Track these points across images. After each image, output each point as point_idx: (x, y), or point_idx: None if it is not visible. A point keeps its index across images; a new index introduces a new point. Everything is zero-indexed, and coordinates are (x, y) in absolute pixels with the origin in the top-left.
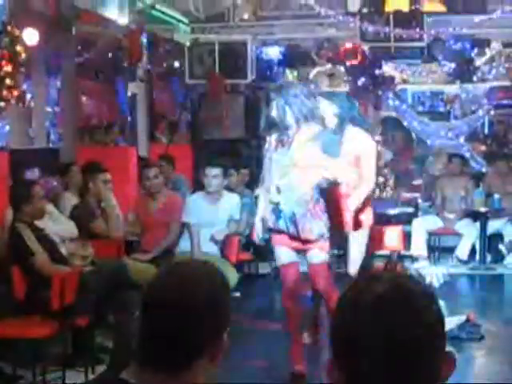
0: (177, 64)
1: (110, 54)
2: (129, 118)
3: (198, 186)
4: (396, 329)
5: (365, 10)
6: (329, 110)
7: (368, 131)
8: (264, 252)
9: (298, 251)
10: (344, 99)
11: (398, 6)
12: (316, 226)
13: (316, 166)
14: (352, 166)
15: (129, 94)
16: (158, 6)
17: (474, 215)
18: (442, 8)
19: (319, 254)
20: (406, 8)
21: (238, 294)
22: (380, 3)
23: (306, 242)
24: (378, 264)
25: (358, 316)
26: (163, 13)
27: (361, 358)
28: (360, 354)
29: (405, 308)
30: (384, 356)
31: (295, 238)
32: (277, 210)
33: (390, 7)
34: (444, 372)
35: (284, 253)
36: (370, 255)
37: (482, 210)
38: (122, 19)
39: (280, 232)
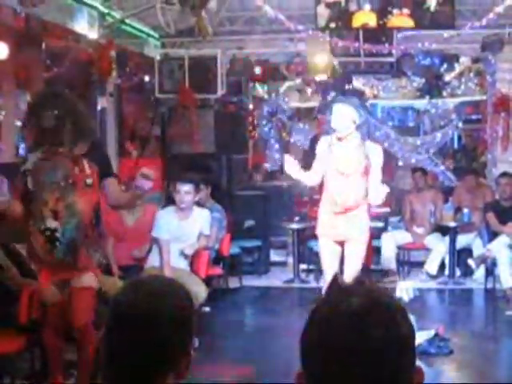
0: (147, 78)
1: (79, 69)
2: (98, 133)
3: (169, 200)
4: (370, 342)
5: (332, 25)
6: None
7: None
8: (234, 266)
9: None
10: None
11: (365, 21)
12: None
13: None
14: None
15: (98, 108)
16: (128, 21)
17: (443, 230)
18: (410, 23)
19: None
20: (373, 23)
21: (207, 309)
22: (347, 18)
23: None
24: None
25: (333, 329)
26: (133, 27)
27: (334, 370)
28: (333, 366)
29: (379, 322)
30: (358, 369)
31: None
32: None
33: (357, 23)
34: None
35: None
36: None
37: (451, 224)
38: (92, 33)
39: None
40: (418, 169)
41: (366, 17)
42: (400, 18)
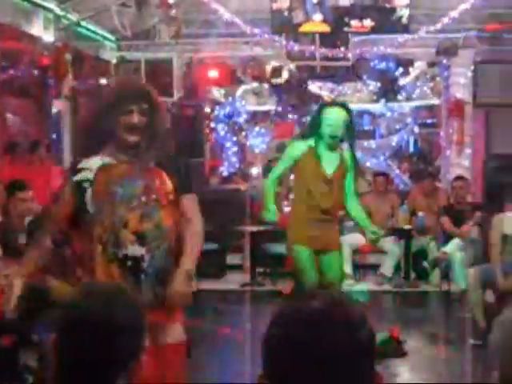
0: (103, 81)
1: (35, 71)
2: (54, 136)
3: None
4: (330, 344)
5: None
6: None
7: None
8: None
9: None
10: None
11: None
12: None
13: None
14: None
15: (54, 111)
16: (84, 23)
17: (399, 233)
18: (365, 28)
19: None
20: (327, 28)
21: None
22: (293, 28)
23: None
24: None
25: (294, 331)
26: (89, 30)
27: (295, 371)
28: (294, 367)
29: (338, 325)
30: (317, 370)
31: None
32: None
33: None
34: None
35: None
36: None
37: (407, 227)
38: (48, 36)
39: None
40: (381, 173)
41: (316, 27)
42: (355, 22)
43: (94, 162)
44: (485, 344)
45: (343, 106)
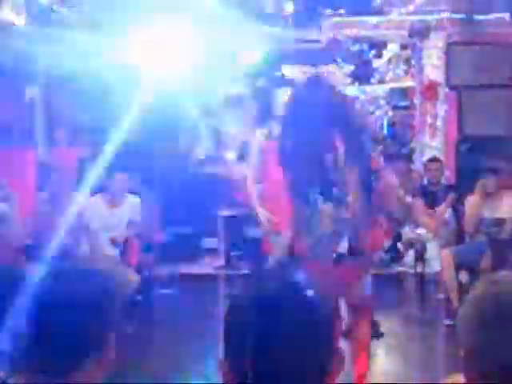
0: None
1: (7, 57)
2: (27, 122)
3: (99, 188)
4: (287, 326)
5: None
6: None
7: None
8: (166, 254)
9: None
10: None
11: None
12: None
13: None
14: None
15: (27, 98)
16: (55, 8)
17: None
18: (339, 10)
19: None
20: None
21: (139, 298)
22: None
23: None
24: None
25: (252, 314)
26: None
27: (255, 354)
28: (251, 350)
29: (296, 306)
30: (276, 349)
31: None
32: None
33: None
34: (335, 367)
35: None
36: None
37: None
38: (19, 21)
39: None
40: None
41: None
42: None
43: None
44: None
45: None
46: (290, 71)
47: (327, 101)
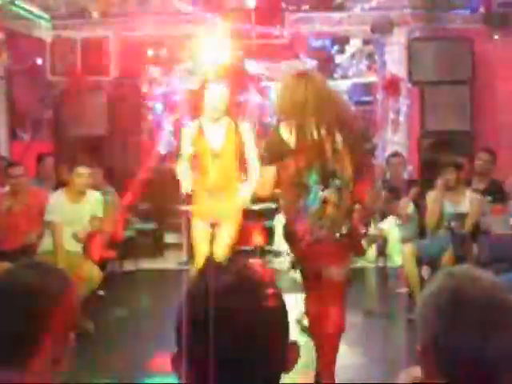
0: (39, 61)
1: None
2: None
3: (60, 183)
4: (239, 318)
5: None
6: None
7: None
8: (128, 249)
9: None
10: None
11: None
12: None
13: None
14: None
15: None
16: (17, 2)
17: None
18: (302, 5)
19: None
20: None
21: (102, 293)
22: None
23: None
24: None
25: (204, 306)
26: (23, 8)
27: (206, 346)
28: (205, 343)
29: (248, 298)
30: (229, 344)
31: None
32: None
33: None
34: (289, 359)
35: None
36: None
37: None
38: None
39: None
40: None
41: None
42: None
43: None
44: None
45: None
46: (253, 67)
47: None
